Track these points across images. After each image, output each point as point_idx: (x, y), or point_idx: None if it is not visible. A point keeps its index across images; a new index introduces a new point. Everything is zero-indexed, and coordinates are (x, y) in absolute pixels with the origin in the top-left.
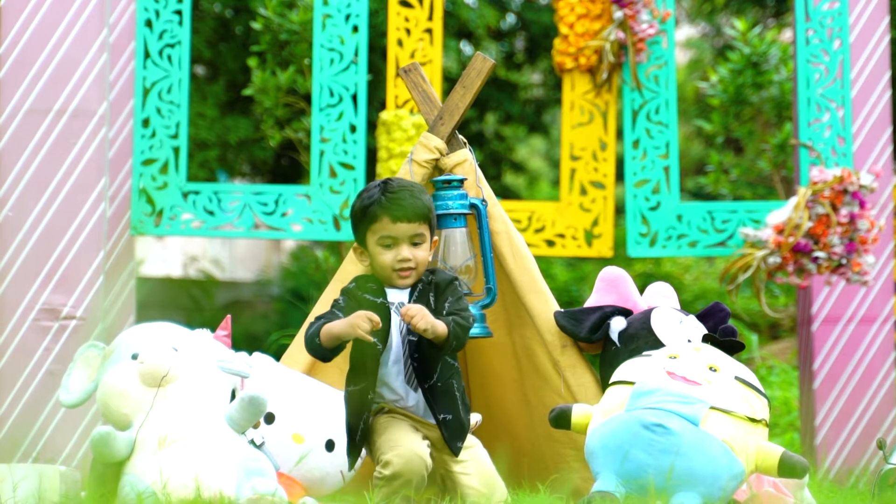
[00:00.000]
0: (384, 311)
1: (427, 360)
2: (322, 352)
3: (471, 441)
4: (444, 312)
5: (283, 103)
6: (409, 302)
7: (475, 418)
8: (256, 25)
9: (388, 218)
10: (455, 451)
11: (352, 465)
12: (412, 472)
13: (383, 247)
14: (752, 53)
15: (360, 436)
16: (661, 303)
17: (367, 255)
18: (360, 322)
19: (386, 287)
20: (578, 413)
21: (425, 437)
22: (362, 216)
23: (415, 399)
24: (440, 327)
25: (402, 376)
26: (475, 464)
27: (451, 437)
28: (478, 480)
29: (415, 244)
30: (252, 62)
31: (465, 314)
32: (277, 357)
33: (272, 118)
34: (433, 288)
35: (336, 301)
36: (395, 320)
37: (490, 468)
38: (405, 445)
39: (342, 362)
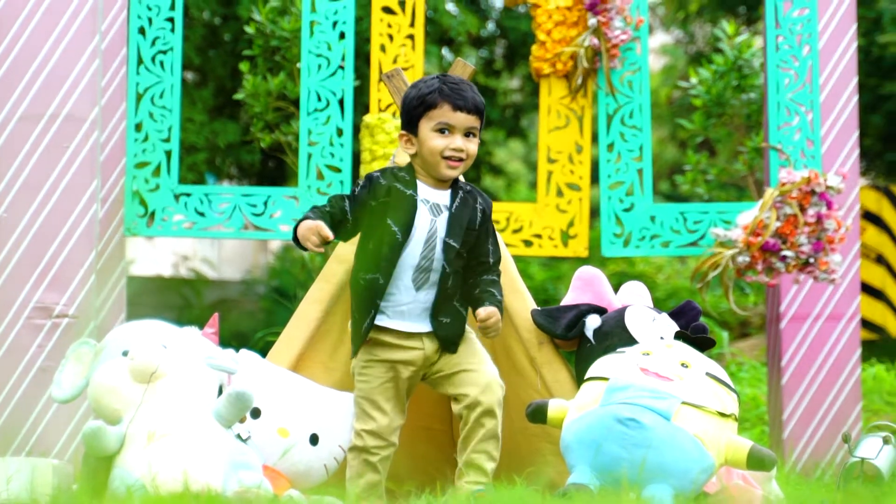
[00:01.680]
0: (411, 204)
1: (449, 275)
2: (299, 245)
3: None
4: (490, 261)
5: (274, 108)
6: (452, 205)
7: None
8: (249, 30)
9: (448, 105)
10: (453, 350)
11: (355, 353)
12: (380, 448)
13: (438, 132)
14: (738, 57)
15: (368, 327)
16: (634, 301)
17: (414, 143)
18: (310, 236)
19: (420, 180)
20: (554, 408)
21: (406, 363)
22: (419, 103)
23: (412, 297)
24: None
25: (411, 272)
26: (463, 350)
27: (447, 337)
28: (471, 371)
29: (468, 135)
30: (244, 67)
31: (500, 272)
32: (263, 354)
33: (262, 122)
34: (480, 210)
35: (353, 189)
36: (427, 218)
37: (480, 352)
38: (377, 423)
39: (327, 359)
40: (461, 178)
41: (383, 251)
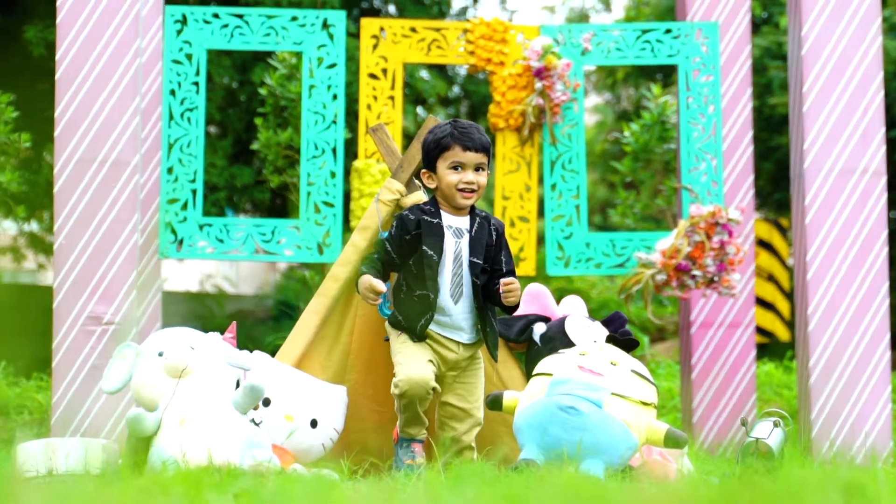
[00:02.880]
0: (439, 230)
1: (479, 288)
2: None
3: (480, 362)
4: (504, 269)
5: (283, 155)
6: (472, 229)
7: None
8: (262, 92)
9: (459, 147)
10: (496, 357)
11: (413, 336)
12: (415, 393)
13: (452, 169)
14: (661, 114)
15: (424, 324)
16: (573, 312)
17: (434, 179)
18: (367, 294)
19: (443, 210)
20: (508, 398)
21: (441, 356)
22: (435, 146)
23: (450, 309)
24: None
25: (449, 286)
26: (471, 380)
27: (491, 345)
28: (462, 398)
29: (477, 170)
30: (258, 121)
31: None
32: (272, 354)
33: (272, 166)
34: (494, 230)
35: (390, 231)
36: (452, 241)
37: (479, 392)
38: (412, 371)
39: (323, 359)
40: (476, 207)
41: (427, 273)
